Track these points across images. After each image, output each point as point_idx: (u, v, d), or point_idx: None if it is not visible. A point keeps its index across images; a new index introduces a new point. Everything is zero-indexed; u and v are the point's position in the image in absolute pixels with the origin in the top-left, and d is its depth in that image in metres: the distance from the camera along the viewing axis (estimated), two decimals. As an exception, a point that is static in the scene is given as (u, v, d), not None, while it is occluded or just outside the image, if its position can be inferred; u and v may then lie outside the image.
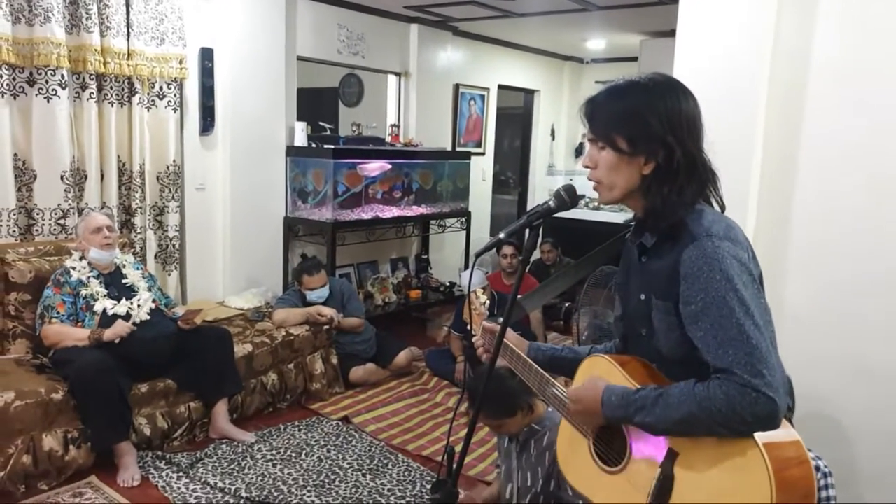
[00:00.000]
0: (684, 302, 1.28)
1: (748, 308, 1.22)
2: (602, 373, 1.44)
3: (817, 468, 2.10)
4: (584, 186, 1.49)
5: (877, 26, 2.26)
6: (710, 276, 1.24)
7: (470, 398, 2.44)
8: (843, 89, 2.33)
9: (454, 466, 1.55)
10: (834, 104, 2.35)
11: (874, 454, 2.36)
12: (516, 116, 7.83)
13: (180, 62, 4.10)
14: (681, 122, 1.31)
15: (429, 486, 3.06)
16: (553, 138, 7.82)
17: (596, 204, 6.64)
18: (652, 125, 1.30)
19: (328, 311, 4.14)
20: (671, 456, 1.30)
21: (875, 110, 2.27)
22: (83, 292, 3.24)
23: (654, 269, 1.38)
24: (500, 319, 1.57)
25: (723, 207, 1.40)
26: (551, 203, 1.47)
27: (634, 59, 6.26)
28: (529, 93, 7.52)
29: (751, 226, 2.48)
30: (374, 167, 5.04)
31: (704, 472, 1.24)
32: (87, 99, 3.73)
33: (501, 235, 1.54)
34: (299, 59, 4.95)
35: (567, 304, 5.62)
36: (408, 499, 2.98)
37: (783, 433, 1.22)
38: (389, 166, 5.16)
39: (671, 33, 2.61)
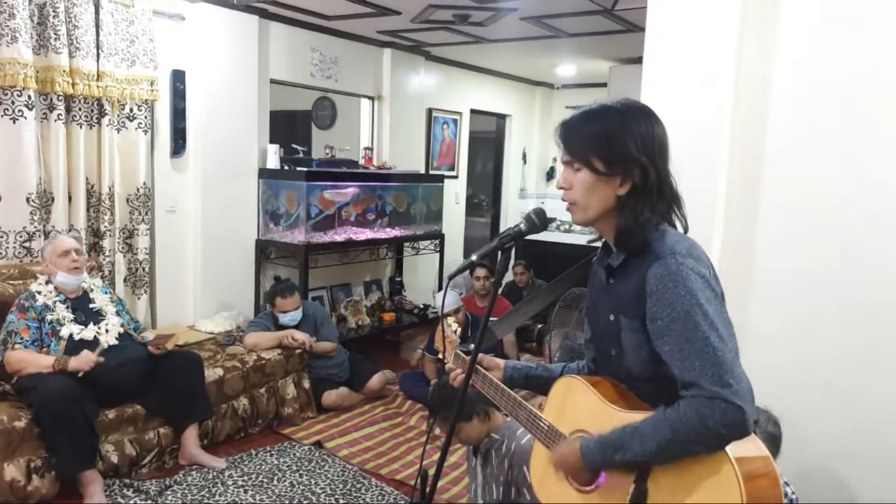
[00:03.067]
0: (651, 318, 1.32)
1: (712, 321, 1.26)
2: (575, 393, 1.46)
3: (785, 494, 2.14)
4: (556, 210, 1.52)
5: (835, 52, 2.33)
6: (674, 292, 1.28)
7: (431, 411, 2.45)
8: (805, 114, 2.40)
9: (427, 490, 1.54)
10: (796, 129, 2.42)
11: (838, 472, 2.40)
12: (489, 140, 7.91)
13: (151, 84, 4.08)
14: (654, 145, 1.36)
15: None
16: (525, 162, 7.91)
17: (567, 227, 6.72)
18: (628, 147, 1.34)
19: (301, 336, 4.11)
20: (644, 470, 1.32)
21: (838, 135, 2.34)
22: (49, 317, 3.17)
23: (621, 289, 1.41)
24: (472, 346, 1.58)
25: (686, 228, 1.44)
26: (522, 226, 1.50)
27: (604, 84, 6.38)
28: (501, 117, 7.61)
29: (716, 248, 2.53)
30: (347, 192, 5.04)
31: (677, 485, 1.26)
32: (55, 120, 3.69)
33: (474, 257, 1.56)
34: (272, 81, 4.96)
35: (540, 326, 5.65)
36: (381, 524, 2.95)
37: (752, 447, 1.25)
38: (357, 190, 5.15)
39: (639, 60, 2.68)
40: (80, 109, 3.81)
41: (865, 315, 2.31)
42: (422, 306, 5.92)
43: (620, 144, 1.34)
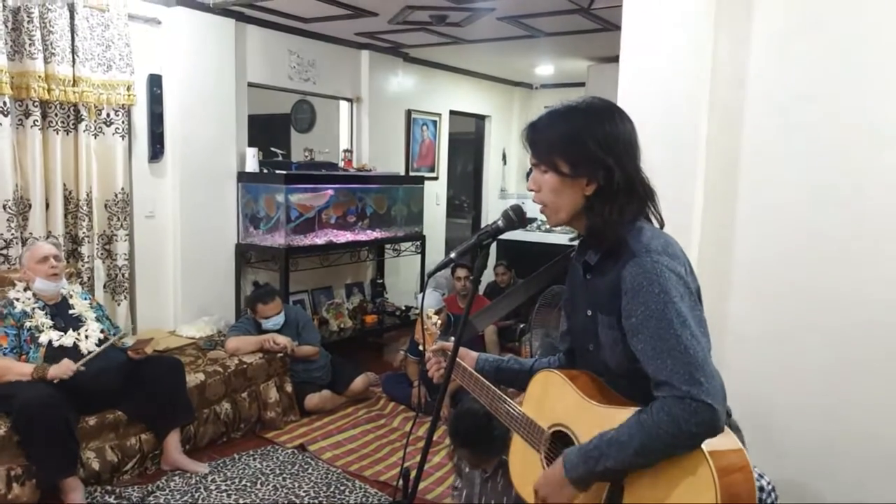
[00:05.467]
0: (626, 316, 1.33)
1: (685, 320, 1.27)
2: (554, 387, 1.48)
3: (761, 489, 2.17)
4: (536, 209, 1.53)
5: (807, 49, 2.38)
6: (649, 291, 1.29)
7: (453, 439, 2.46)
8: (778, 110, 2.43)
9: (409, 489, 1.55)
10: (771, 125, 2.45)
11: (816, 464, 2.44)
12: (468, 141, 7.94)
13: (128, 89, 4.06)
14: (618, 144, 1.37)
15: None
16: (505, 162, 7.94)
17: (548, 227, 6.76)
18: (591, 148, 1.35)
19: (283, 340, 4.10)
20: None
21: (811, 130, 2.38)
22: (27, 324, 3.15)
23: (598, 286, 1.42)
24: (453, 338, 1.59)
25: (661, 224, 1.45)
26: (500, 223, 1.50)
27: (582, 84, 6.43)
28: (481, 118, 7.64)
29: (694, 245, 2.56)
30: (321, 196, 5.02)
31: (653, 479, 1.28)
32: (31, 126, 3.66)
33: (453, 255, 1.56)
34: (250, 85, 4.94)
35: (521, 326, 5.68)
36: (366, 525, 2.96)
37: (726, 441, 1.27)
38: (332, 193, 5.13)
39: (616, 59, 2.71)
40: (56, 115, 3.78)
41: (843, 309, 2.35)
42: (404, 308, 5.92)
43: (583, 146, 1.35)
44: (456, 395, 3.82)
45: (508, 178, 8.01)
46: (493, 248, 6.75)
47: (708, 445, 1.23)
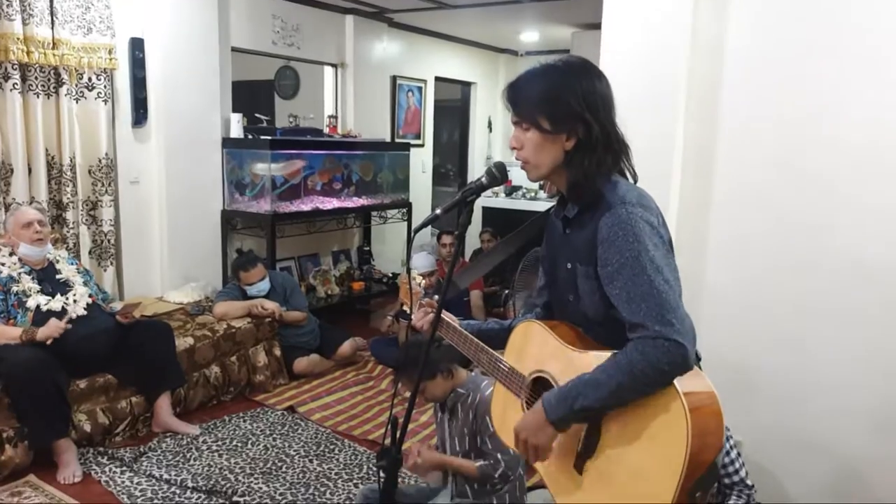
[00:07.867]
0: (602, 264, 1.39)
1: (658, 266, 1.34)
2: (534, 336, 1.53)
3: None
4: (522, 177, 1.57)
5: (785, 17, 2.41)
6: (624, 239, 1.35)
7: (398, 371, 2.51)
8: (756, 78, 2.48)
9: (398, 434, 1.60)
10: (748, 93, 2.50)
11: (787, 419, 2.54)
12: (454, 109, 7.92)
13: (109, 52, 4.01)
14: (596, 100, 1.42)
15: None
16: (490, 130, 7.94)
17: (533, 194, 6.80)
18: (571, 104, 1.40)
19: (270, 305, 4.13)
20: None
21: (787, 99, 2.43)
22: (14, 289, 3.15)
23: (577, 239, 1.48)
24: (436, 297, 1.64)
25: (635, 178, 1.51)
26: (484, 180, 1.56)
27: (567, 51, 6.41)
28: (466, 85, 7.62)
29: (673, 211, 2.62)
30: (296, 164, 4.99)
31: (628, 415, 1.34)
32: (11, 90, 3.62)
33: (438, 211, 1.61)
34: (234, 49, 4.90)
35: (507, 292, 5.74)
36: (355, 480, 3.03)
37: (698, 383, 1.34)
38: (303, 163, 5.09)
39: (600, 25, 2.73)
40: (36, 79, 3.74)
41: (812, 267, 2.43)
42: (391, 275, 5.96)
43: (563, 102, 1.40)
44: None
45: (494, 146, 8.01)
46: (480, 215, 6.80)
47: (681, 385, 1.29)
